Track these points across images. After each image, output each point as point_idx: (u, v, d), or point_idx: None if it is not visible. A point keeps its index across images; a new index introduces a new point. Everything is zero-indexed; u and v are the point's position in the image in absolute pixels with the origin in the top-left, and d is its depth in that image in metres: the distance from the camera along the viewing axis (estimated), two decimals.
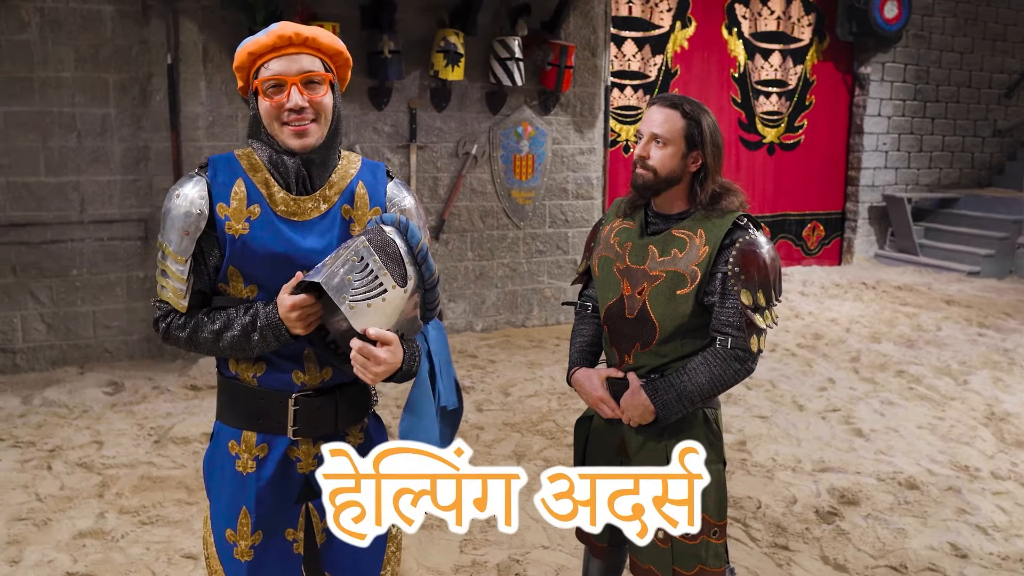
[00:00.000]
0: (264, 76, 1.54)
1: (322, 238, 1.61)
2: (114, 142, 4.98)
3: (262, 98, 1.55)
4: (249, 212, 1.58)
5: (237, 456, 1.65)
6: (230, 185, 1.59)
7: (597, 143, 6.25)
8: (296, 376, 1.64)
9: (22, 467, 3.62)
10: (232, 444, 1.65)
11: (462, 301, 6.01)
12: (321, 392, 1.66)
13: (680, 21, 7.74)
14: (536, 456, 3.84)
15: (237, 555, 1.65)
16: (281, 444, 1.65)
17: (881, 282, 7.89)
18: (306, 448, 1.67)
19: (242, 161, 1.62)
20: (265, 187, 1.60)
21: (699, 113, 1.93)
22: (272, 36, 1.53)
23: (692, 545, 1.96)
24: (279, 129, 1.56)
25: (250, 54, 1.55)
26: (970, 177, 9.57)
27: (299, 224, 1.60)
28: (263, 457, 1.65)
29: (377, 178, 1.70)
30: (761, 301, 1.89)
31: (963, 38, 9.11)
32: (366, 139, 5.55)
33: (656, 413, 1.92)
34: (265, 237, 1.58)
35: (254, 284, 1.60)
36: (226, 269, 1.59)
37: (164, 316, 1.63)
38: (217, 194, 1.58)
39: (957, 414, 4.41)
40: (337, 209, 1.63)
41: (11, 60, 4.73)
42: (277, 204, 1.59)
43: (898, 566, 2.90)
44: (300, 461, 1.67)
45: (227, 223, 1.57)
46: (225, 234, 1.57)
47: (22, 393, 4.58)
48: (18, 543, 2.99)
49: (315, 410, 1.64)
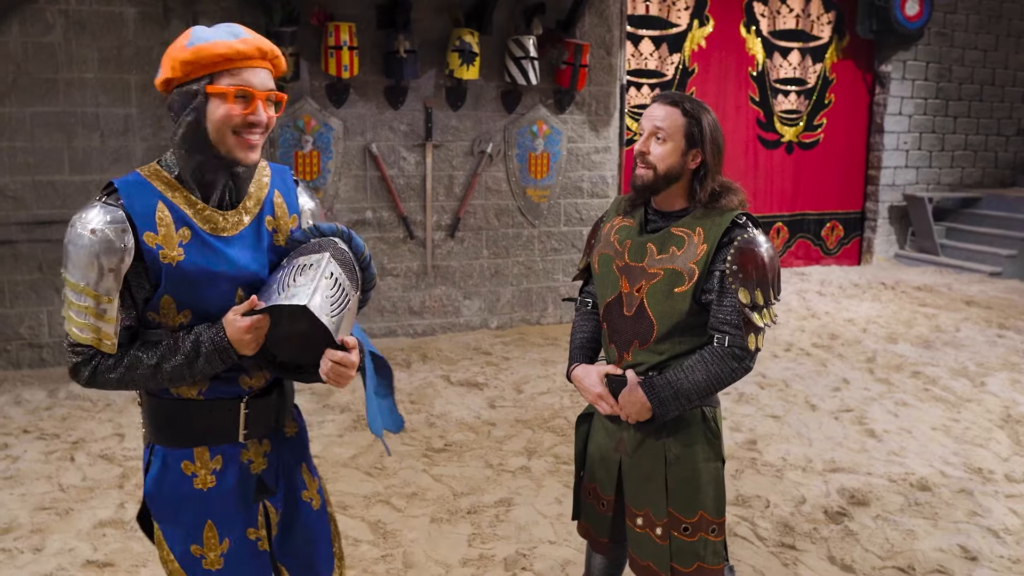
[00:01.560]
0: (230, 83, 1.46)
1: (252, 252, 1.58)
2: (136, 141, 5.08)
3: (225, 103, 1.46)
4: (180, 236, 1.50)
5: (194, 475, 1.60)
6: (152, 210, 1.48)
7: (612, 142, 6.26)
8: (243, 381, 1.62)
9: (46, 458, 3.72)
10: (185, 465, 1.60)
11: (477, 299, 6.05)
12: (267, 391, 1.67)
13: (698, 19, 7.73)
14: (547, 453, 3.87)
15: (207, 566, 1.63)
16: (234, 451, 1.64)
17: (900, 282, 7.82)
18: (255, 449, 1.67)
19: (154, 182, 1.51)
20: (188, 205, 1.52)
21: (699, 111, 1.94)
22: (250, 46, 1.47)
23: (690, 542, 1.99)
24: (231, 139, 1.48)
25: (221, 56, 1.45)
26: (993, 176, 9.45)
27: (227, 240, 1.55)
28: (220, 469, 1.62)
29: (288, 185, 1.68)
30: (759, 299, 1.89)
31: (986, 35, 8.99)
32: (382, 138, 5.61)
33: (653, 410, 1.93)
34: (201, 259, 1.51)
35: (188, 310, 1.53)
36: (159, 299, 1.51)
37: (87, 361, 1.51)
38: (141, 223, 1.47)
39: (973, 416, 4.38)
40: (260, 221, 1.60)
41: (36, 62, 4.84)
42: (205, 221, 1.53)
43: (906, 567, 2.90)
44: (252, 462, 1.67)
45: (160, 252, 1.48)
46: (160, 263, 1.48)
47: (48, 387, 4.70)
48: (41, 531, 3.08)
49: (263, 409, 1.65)
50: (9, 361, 5.01)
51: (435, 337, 5.91)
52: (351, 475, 3.62)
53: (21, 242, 4.92)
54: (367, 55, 5.39)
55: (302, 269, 1.52)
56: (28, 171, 4.90)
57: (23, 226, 4.92)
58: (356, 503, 3.35)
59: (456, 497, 3.42)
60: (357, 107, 5.51)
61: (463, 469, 3.70)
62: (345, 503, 3.34)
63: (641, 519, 2.03)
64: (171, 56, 1.48)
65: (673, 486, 1.98)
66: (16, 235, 4.91)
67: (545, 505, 3.35)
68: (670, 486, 1.99)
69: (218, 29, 1.49)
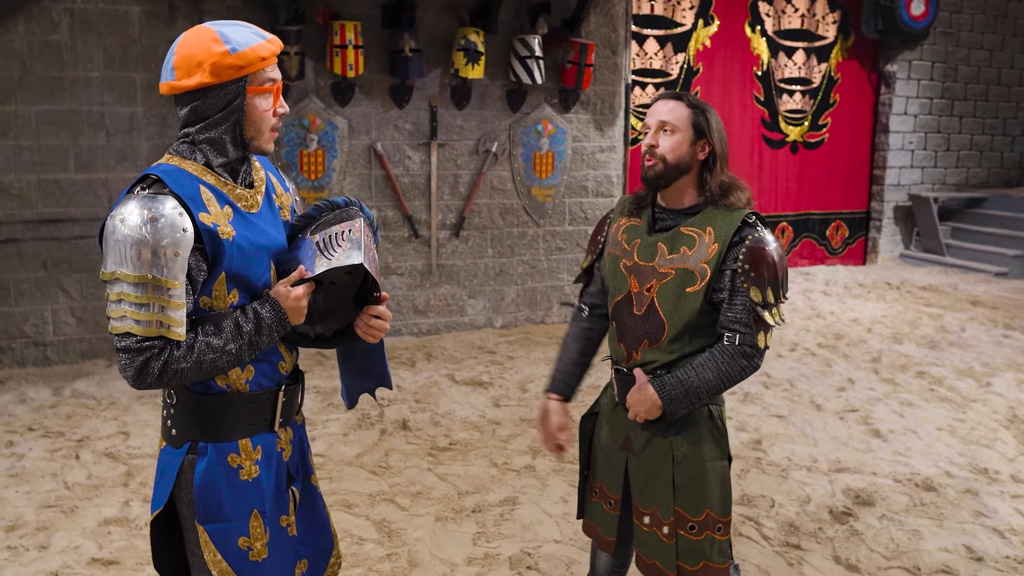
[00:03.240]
0: (267, 81, 1.57)
1: (273, 226, 1.68)
2: (141, 140, 5.09)
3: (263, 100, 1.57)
4: (225, 214, 1.56)
5: (240, 467, 1.64)
6: (197, 192, 1.53)
7: (617, 141, 6.26)
8: (281, 366, 1.69)
9: (52, 456, 3.73)
10: (232, 457, 1.63)
11: (482, 297, 6.05)
12: (294, 377, 1.75)
13: (703, 19, 7.72)
14: None
15: (253, 557, 1.66)
16: (270, 440, 1.68)
17: (906, 282, 7.80)
18: (285, 437, 1.73)
19: (188, 169, 1.56)
20: (221, 186, 1.58)
21: (703, 104, 1.97)
22: (277, 45, 1.58)
23: (697, 541, 1.98)
24: (267, 132, 1.60)
25: (262, 59, 1.55)
26: (999, 176, 9.42)
27: (256, 216, 1.64)
28: (261, 459, 1.67)
29: (272, 168, 1.79)
30: (770, 298, 1.90)
31: (992, 35, 8.96)
32: (387, 137, 5.62)
33: (663, 408, 1.93)
34: (249, 233, 1.59)
35: (235, 289, 1.58)
36: (215, 280, 1.55)
37: (158, 354, 1.48)
38: (194, 205, 1.51)
39: (978, 416, 4.37)
40: (270, 198, 1.70)
41: (42, 60, 4.85)
42: (239, 199, 1.60)
43: (911, 568, 2.89)
44: (284, 451, 1.73)
45: (218, 229, 1.53)
46: (220, 240, 1.52)
47: (53, 385, 4.71)
48: (47, 529, 3.09)
49: (293, 396, 1.73)
50: (14, 359, 5.02)
51: (439, 336, 5.91)
52: (356, 473, 3.62)
53: (26, 240, 4.93)
54: (372, 54, 5.39)
55: (342, 235, 1.62)
56: (33, 169, 4.91)
57: (28, 224, 4.93)
58: (361, 502, 3.35)
59: (461, 496, 3.42)
60: (362, 106, 5.52)
61: (468, 468, 3.70)
62: (350, 502, 3.34)
63: (648, 518, 2.03)
64: (207, 61, 1.50)
65: (680, 485, 1.98)
66: (21, 233, 4.92)
67: (550, 504, 3.35)
68: (677, 484, 1.98)
69: (239, 29, 1.55)
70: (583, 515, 2.24)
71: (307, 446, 1.85)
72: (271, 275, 1.65)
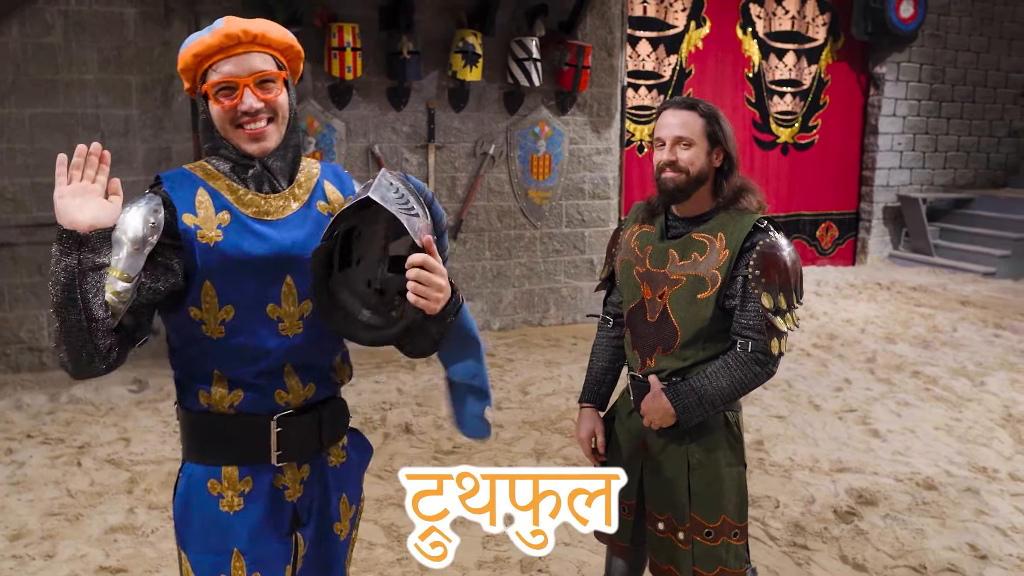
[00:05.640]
0: (213, 80, 1.44)
1: (301, 232, 1.51)
2: (137, 143, 5.05)
3: (212, 103, 1.45)
4: (219, 219, 1.46)
5: (220, 496, 1.50)
6: (192, 195, 1.46)
7: (614, 143, 6.28)
8: (279, 396, 1.52)
9: (52, 463, 3.69)
10: (212, 484, 1.50)
11: (479, 300, 6.05)
12: (304, 410, 1.54)
13: (695, 21, 7.76)
14: (555, 454, 3.88)
15: None
16: (266, 474, 1.52)
17: (896, 283, 7.88)
18: (291, 474, 1.55)
19: (196, 172, 1.50)
20: (230, 192, 1.49)
21: (714, 110, 1.97)
22: (218, 36, 1.42)
23: (713, 547, 1.99)
24: (234, 133, 1.46)
25: (195, 56, 1.44)
26: (985, 177, 9.54)
27: (274, 223, 1.50)
28: (249, 491, 1.51)
29: (341, 178, 1.64)
30: (782, 304, 1.90)
31: (979, 37, 9.08)
32: (385, 139, 5.60)
33: (677, 416, 1.94)
34: (243, 242, 1.46)
35: (229, 304, 1.46)
36: (200, 287, 1.44)
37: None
38: (181, 206, 1.44)
39: (974, 415, 4.42)
40: (312, 205, 1.55)
41: (36, 62, 4.80)
42: (247, 206, 1.49)
43: (917, 567, 2.93)
44: (288, 489, 1.55)
45: (198, 232, 1.43)
46: (197, 243, 1.43)
47: (49, 391, 4.66)
48: (52, 538, 3.06)
49: (299, 430, 1.53)
50: (8, 365, 4.96)
51: None
52: None
53: (20, 245, 4.88)
54: (370, 56, 5.38)
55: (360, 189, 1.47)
56: (27, 173, 4.86)
57: (22, 228, 4.88)
58: (368, 506, 3.35)
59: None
60: (360, 108, 5.50)
61: None
62: None
63: (663, 524, 2.03)
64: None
65: (696, 491, 1.99)
66: (15, 238, 4.87)
67: None
68: (693, 491, 1.99)
69: (202, 30, 1.47)
70: None
71: (337, 491, 1.63)
72: (282, 290, 1.49)
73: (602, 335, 2.24)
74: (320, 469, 1.60)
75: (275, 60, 1.48)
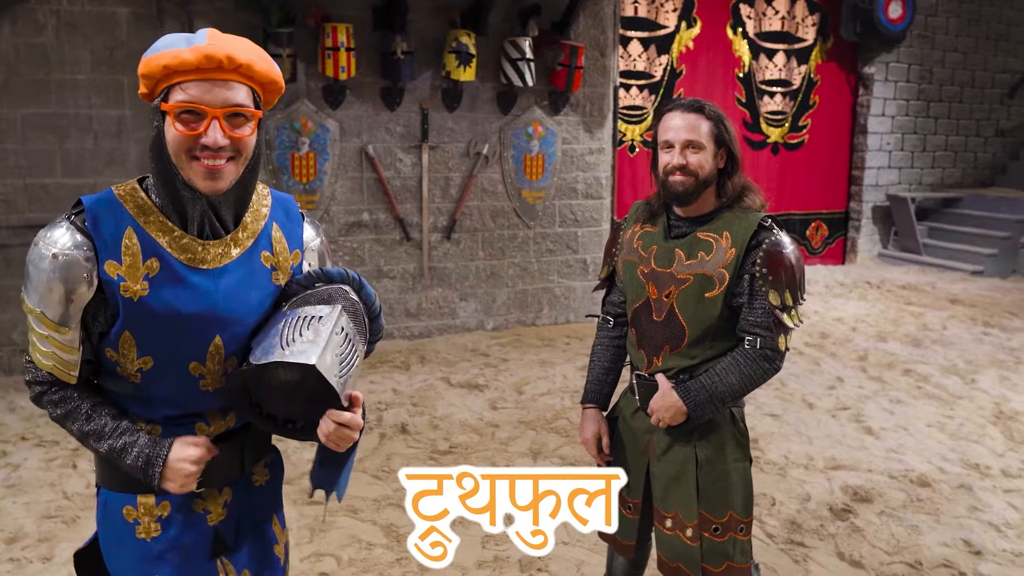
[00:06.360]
0: (179, 100, 1.27)
1: (239, 289, 1.39)
2: (130, 144, 5.02)
3: (172, 122, 1.27)
4: (147, 268, 1.31)
5: (136, 522, 1.43)
6: (119, 237, 1.31)
7: (606, 143, 6.30)
8: (200, 428, 1.44)
9: (48, 466, 3.67)
10: (127, 510, 1.43)
11: (473, 300, 6.06)
12: (224, 438, 1.47)
13: (685, 21, 7.80)
14: (552, 454, 3.89)
15: None
16: (185, 499, 1.45)
17: (885, 281, 7.95)
18: (212, 498, 1.48)
19: (127, 204, 1.33)
20: (162, 232, 1.33)
21: (720, 113, 1.99)
22: (198, 55, 1.26)
23: (720, 543, 2.01)
24: (187, 163, 1.29)
25: (165, 68, 1.27)
26: (973, 177, 9.63)
27: (208, 273, 1.36)
28: (167, 516, 1.44)
29: (291, 217, 1.50)
30: (788, 301, 1.93)
31: (967, 38, 9.16)
32: (379, 139, 5.60)
33: (688, 414, 1.96)
34: (170, 296, 1.33)
35: (148, 356, 1.35)
36: (118, 335, 1.33)
37: (39, 382, 1.40)
38: (104, 249, 1.30)
39: (966, 413, 4.47)
40: (255, 256, 1.42)
41: (28, 63, 4.77)
42: (181, 251, 1.34)
43: (913, 563, 2.96)
44: (209, 513, 1.48)
45: (121, 284, 1.30)
46: (119, 296, 1.30)
47: None
48: (49, 540, 3.04)
49: (219, 457, 1.44)
50: (1, 367, 4.93)
51: (432, 339, 5.90)
52: (359, 478, 3.61)
53: (13, 246, 4.84)
54: (364, 56, 5.37)
55: (309, 321, 1.35)
56: (20, 174, 4.83)
57: (15, 230, 4.84)
58: (366, 507, 3.35)
59: None
60: (354, 108, 5.49)
61: None
62: (355, 507, 3.34)
63: (670, 521, 2.05)
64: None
65: (704, 487, 2.01)
66: (8, 239, 4.84)
67: None
68: (701, 487, 2.01)
69: (179, 36, 1.31)
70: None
71: (269, 512, 1.58)
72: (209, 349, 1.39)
73: (603, 335, 2.25)
74: (244, 490, 1.53)
75: (253, 94, 1.33)
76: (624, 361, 2.24)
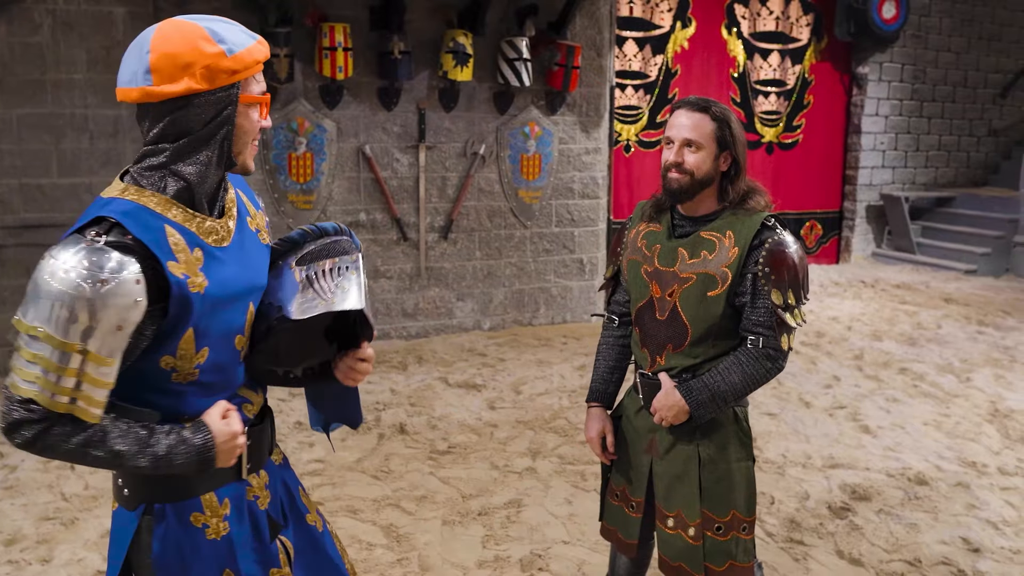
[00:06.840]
0: (256, 92, 1.37)
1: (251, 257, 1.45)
2: (126, 143, 5.00)
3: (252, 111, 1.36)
4: (195, 259, 1.32)
5: (205, 526, 1.43)
6: (164, 237, 1.28)
7: (603, 143, 6.31)
8: (247, 409, 1.49)
9: (45, 467, 3.65)
10: (195, 517, 1.42)
11: (470, 300, 6.06)
12: (260, 416, 1.54)
13: (680, 21, 7.81)
14: (551, 454, 3.89)
15: None
16: (238, 490, 1.48)
17: (879, 280, 7.98)
18: (257, 483, 1.52)
19: (148, 204, 1.30)
20: (187, 221, 1.33)
21: (727, 114, 1.98)
22: (267, 47, 1.38)
23: (723, 542, 2.02)
24: (250, 148, 1.38)
25: (257, 61, 1.34)
26: (966, 176, 9.68)
27: (227, 250, 1.39)
28: (231, 513, 1.46)
29: (242, 184, 1.56)
30: (791, 300, 1.93)
31: (959, 38, 9.21)
32: (375, 139, 5.59)
33: (691, 413, 1.97)
34: (224, 280, 1.36)
35: (205, 347, 1.36)
36: (180, 336, 1.31)
37: (40, 421, 1.23)
38: (162, 254, 1.26)
39: (962, 411, 4.50)
40: (244, 224, 1.46)
41: (23, 62, 4.74)
42: (207, 234, 1.35)
43: (912, 560, 2.97)
44: (259, 498, 1.52)
45: (188, 281, 1.29)
46: (188, 294, 1.28)
47: None
48: (47, 542, 3.03)
49: (259, 438, 1.51)
50: None
51: (428, 339, 5.90)
52: (358, 479, 3.61)
53: (8, 247, 4.82)
54: (361, 56, 5.36)
55: (336, 271, 1.49)
56: (15, 174, 4.80)
57: (10, 230, 4.82)
58: (366, 507, 3.35)
59: (465, 499, 3.43)
60: (350, 108, 5.49)
61: (469, 471, 3.71)
62: (355, 507, 3.34)
63: (672, 520, 2.06)
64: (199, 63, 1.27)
65: (707, 486, 2.01)
66: (3, 239, 4.81)
67: (555, 506, 3.37)
68: (704, 486, 2.02)
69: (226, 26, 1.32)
70: (603, 518, 2.26)
71: (294, 485, 1.65)
72: (247, 318, 1.44)
73: (607, 334, 2.25)
74: (272, 471, 1.59)
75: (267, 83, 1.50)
76: (629, 360, 2.24)
